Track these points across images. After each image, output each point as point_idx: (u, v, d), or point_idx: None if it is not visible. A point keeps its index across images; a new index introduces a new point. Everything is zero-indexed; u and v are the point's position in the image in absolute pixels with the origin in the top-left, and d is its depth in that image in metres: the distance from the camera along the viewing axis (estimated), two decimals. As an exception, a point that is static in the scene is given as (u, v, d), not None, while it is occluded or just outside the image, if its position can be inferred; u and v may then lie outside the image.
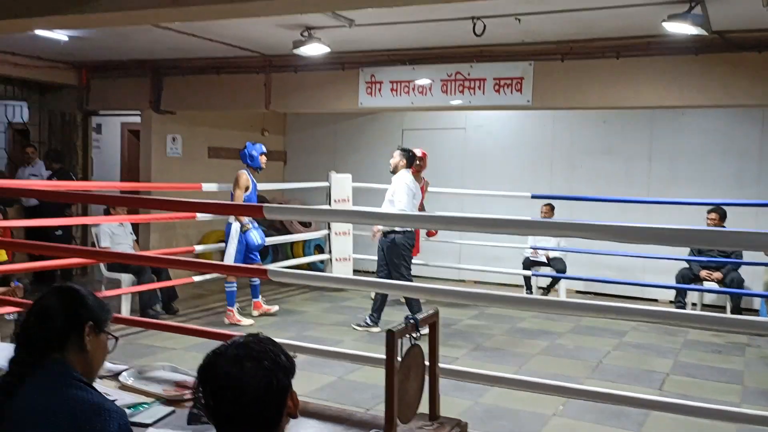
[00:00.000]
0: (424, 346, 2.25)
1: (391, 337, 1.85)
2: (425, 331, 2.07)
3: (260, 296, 6.82)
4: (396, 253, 6.13)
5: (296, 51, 6.28)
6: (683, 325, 6.54)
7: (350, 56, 7.16)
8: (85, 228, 8.56)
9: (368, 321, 6.35)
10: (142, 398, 2.32)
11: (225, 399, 1.33)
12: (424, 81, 6.96)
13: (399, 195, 6.10)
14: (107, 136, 10.51)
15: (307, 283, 5.90)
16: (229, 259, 6.33)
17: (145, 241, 8.35)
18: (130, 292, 6.40)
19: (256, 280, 6.72)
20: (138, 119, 8.65)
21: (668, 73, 6.00)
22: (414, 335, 1.98)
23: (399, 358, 1.95)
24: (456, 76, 6.82)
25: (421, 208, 7.73)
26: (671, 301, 7.49)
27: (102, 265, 6.68)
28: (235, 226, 6.39)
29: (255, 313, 6.72)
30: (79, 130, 8.83)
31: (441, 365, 2.27)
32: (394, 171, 6.30)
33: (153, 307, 6.55)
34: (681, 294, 7.21)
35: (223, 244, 8.03)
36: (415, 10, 5.41)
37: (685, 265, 7.27)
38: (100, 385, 2.48)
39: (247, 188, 6.48)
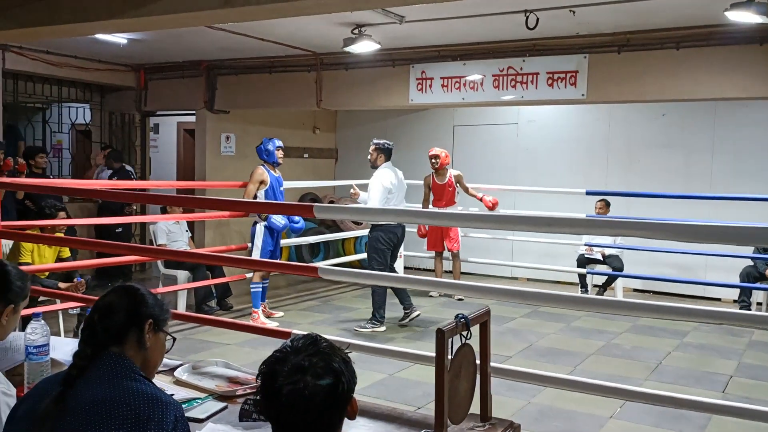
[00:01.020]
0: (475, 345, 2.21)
1: (441, 336, 1.82)
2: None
3: (265, 300, 6.66)
4: (372, 246, 6.15)
5: (347, 49, 6.29)
6: (748, 325, 6.30)
7: (400, 53, 7.14)
8: (143, 226, 8.80)
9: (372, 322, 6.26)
10: (196, 393, 2.35)
11: (287, 413, 1.32)
12: (475, 76, 6.88)
13: (372, 193, 6.07)
14: (164, 136, 10.77)
15: (355, 281, 5.89)
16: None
17: (200, 239, 8.53)
18: (186, 288, 6.54)
19: (265, 284, 6.52)
20: (193, 119, 8.83)
21: (731, 64, 5.77)
22: (464, 334, 1.95)
23: (449, 357, 1.92)
24: (508, 70, 6.72)
25: (451, 203, 7.64)
26: (735, 301, 7.21)
27: (159, 262, 6.85)
28: (260, 226, 6.25)
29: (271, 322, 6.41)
30: (138, 130, 9.08)
31: (493, 365, 2.23)
32: (374, 166, 6.23)
33: (208, 303, 6.69)
34: (745, 293, 6.95)
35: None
36: (465, 5, 5.33)
37: (750, 263, 7.00)
38: (156, 380, 2.54)
39: (262, 182, 6.28)
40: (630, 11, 5.47)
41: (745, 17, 4.63)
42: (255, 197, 6.23)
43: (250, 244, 6.53)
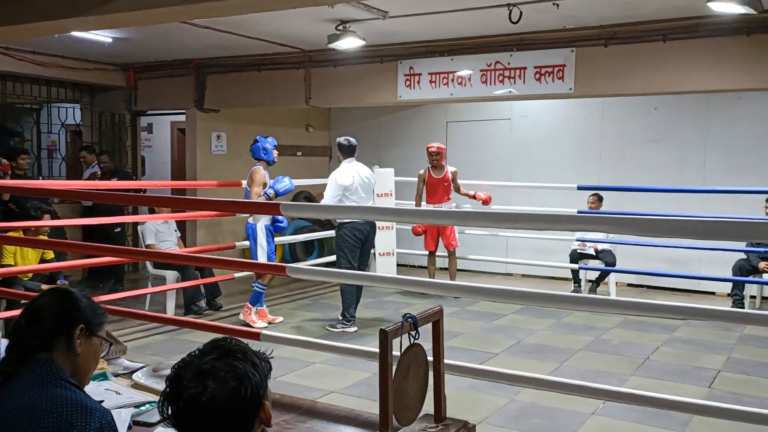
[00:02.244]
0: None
1: (385, 337, 1.78)
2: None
3: (264, 305, 6.44)
4: (338, 245, 6.11)
5: (332, 45, 6.26)
6: (739, 321, 6.24)
7: (388, 49, 7.09)
8: (135, 225, 8.77)
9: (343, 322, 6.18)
10: (152, 396, 2.32)
11: (187, 420, 1.29)
12: (463, 72, 6.83)
13: (327, 190, 6.03)
14: (158, 136, 10.76)
15: (325, 280, 5.80)
16: (263, 260, 6.06)
17: (192, 238, 8.51)
18: (174, 288, 6.52)
19: (263, 287, 6.35)
20: (187, 118, 8.81)
21: (718, 56, 5.70)
22: (413, 334, 1.91)
23: (397, 354, 1.89)
24: (496, 65, 6.66)
25: (444, 199, 7.55)
26: (728, 294, 7.14)
27: (148, 263, 6.83)
28: (260, 225, 6.08)
29: (261, 323, 6.21)
30: (128, 130, 9.05)
31: (449, 362, 2.19)
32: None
33: (197, 303, 6.65)
34: (738, 287, 6.88)
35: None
36: (447, -1, 5.29)
37: (743, 256, 6.94)
38: (114, 383, 2.51)
39: (264, 184, 6.09)
40: (615, 3, 5.41)
41: (727, 8, 4.57)
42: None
43: (248, 243, 6.29)
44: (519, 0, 5.37)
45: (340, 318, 6.15)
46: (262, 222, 6.16)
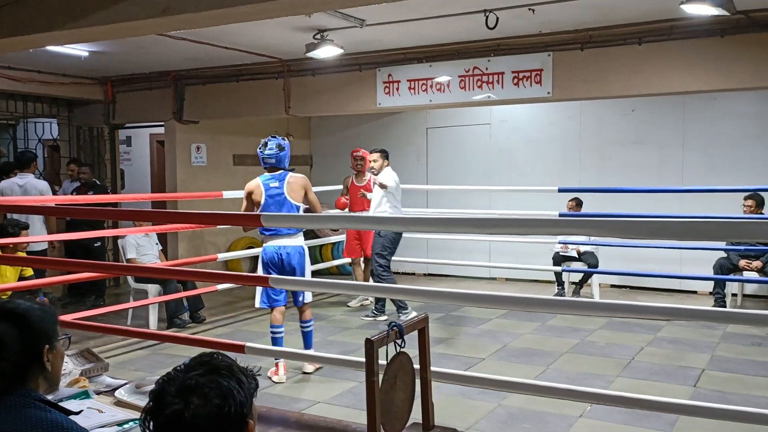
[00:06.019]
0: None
1: (370, 347, 1.76)
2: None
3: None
4: (383, 244, 6.62)
5: (309, 54, 6.25)
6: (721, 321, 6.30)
7: (366, 57, 7.10)
8: (115, 239, 8.67)
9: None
10: (135, 414, 2.29)
11: None
12: (441, 78, 6.85)
13: (391, 189, 6.63)
14: (137, 149, 10.66)
15: (304, 289, 5.61)
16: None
17: (174, 251, 8.43)
18: (157, 302, 6.45)
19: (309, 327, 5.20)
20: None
21: (693, 57, 5.77)
22: (398, 342, 1.90)
23: (383, 363, 1.87)
24: (474, 71, 6.69)
25: (365, 208, 7.09)
26: (710, 293, 7.21)
27: (129, 277, 6.76)
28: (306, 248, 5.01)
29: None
30: (107, 143, 8.96)
31: (436, 369, 2.18)
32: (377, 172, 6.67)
33: (180, 316, 6.58)
34: (720, 285, 6.95)
35: (248, 251, 7.97)
36: (423, 5, 5.29)
37: (724, 254, 7.01)
38: (96, 401, 2.47)
39: None
40: (591, 7, 5.45)
41: (700, 10, 4.62)
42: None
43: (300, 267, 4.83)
44: (495, 6, 5.40)
45: (373, 308, 6.86)
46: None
